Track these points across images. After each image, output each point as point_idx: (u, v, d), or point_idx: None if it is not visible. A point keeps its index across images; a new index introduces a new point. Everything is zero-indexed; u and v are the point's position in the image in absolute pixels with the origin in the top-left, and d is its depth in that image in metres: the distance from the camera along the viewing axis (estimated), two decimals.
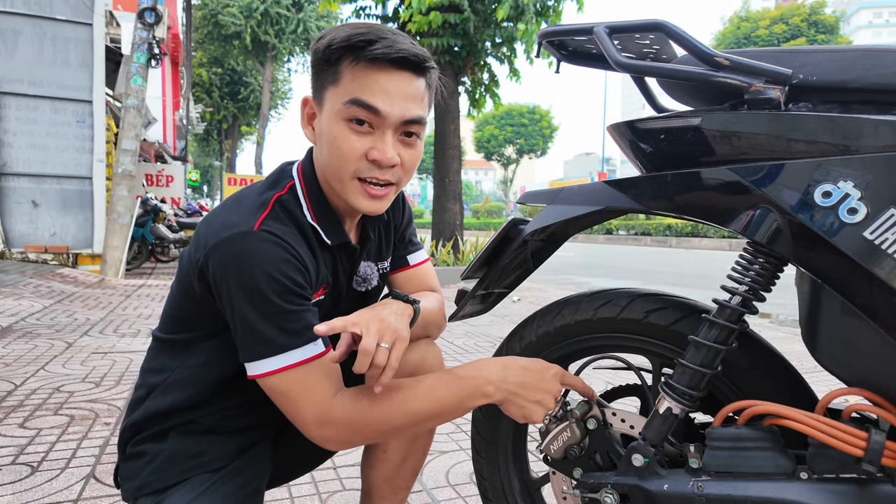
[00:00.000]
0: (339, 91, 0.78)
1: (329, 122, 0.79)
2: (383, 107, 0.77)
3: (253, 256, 0.75)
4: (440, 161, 7.48)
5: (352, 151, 0.78)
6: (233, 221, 0.78)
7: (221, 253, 0.76)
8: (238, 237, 0.76)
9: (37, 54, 6.23)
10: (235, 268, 0.75)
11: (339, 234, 0.88)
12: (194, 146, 35.48)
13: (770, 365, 0.83)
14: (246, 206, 0.81)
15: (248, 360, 0.78)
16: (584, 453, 0.88)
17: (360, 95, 0.76)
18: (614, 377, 2.62)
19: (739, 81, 0.71)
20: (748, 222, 0.71)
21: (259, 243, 0.76)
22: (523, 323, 1.03)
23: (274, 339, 0.76)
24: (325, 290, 0.89)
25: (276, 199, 0.83)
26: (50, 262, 6.24)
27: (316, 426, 0.78)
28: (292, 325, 0.77)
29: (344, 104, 0.77)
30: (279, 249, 0.77)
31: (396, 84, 0.77)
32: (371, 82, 0.76)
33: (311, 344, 0.77)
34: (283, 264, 0.76)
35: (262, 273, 0.75)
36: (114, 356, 2.93)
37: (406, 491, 1.09)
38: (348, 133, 0.78)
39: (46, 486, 1.51)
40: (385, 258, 1.03)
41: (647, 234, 20.30)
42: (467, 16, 6.49)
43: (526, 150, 43.61)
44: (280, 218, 0.82)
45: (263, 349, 0.76)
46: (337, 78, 0.78)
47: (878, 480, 0.70)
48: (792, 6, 31.96)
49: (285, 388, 0.77)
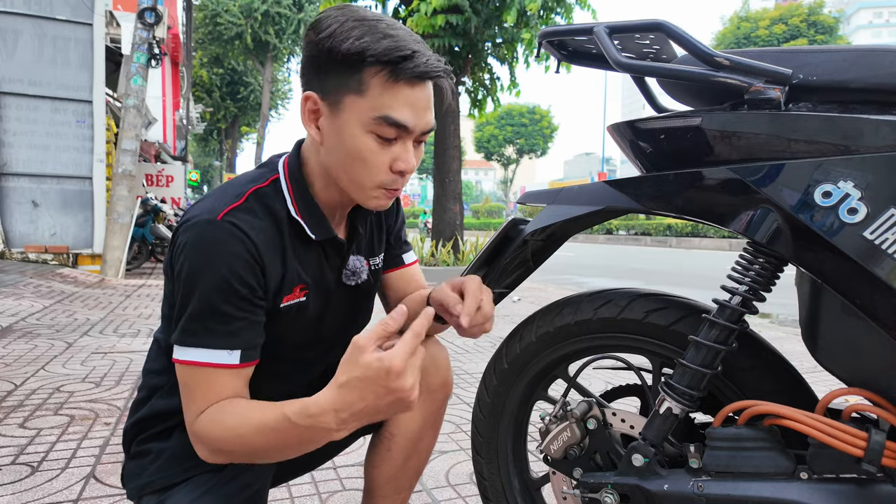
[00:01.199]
0: (366, 103, 0.75)
1: (350, 131, 0.77)
2: (412, 122, 0.76)
3: (208, 244, 0.75)
4: (440, 161, 7.48)
5: (380, 165, 0.78)
6: (202, 208, 0.78)
7: (184, 236, 0.76)
8: (200, 224, 0.75)
9: (37, 54, 6.23)
10: (190, 252, 0.75)
11: (325, 229, 0.86)
12: (194, 146, 35.49)
13: (770, 365, 0.83)
14: (222, 196, 0.80)
15: (173, 342, 0.77)
16: (584, 453, 0.88)
17: (391, 114, 0.75)
18: (614, 377, 2.62)
19: (740, 81, 0.71)
20: (748, 222, 0.71)
21: (217, 233, 0.75)
22: (523, 323, 1.03)
23: (197, 331, 0.75)
24: (304, 291, 0.86)
25: (254, 191, 0.82)
26: (50, 262, 6.24)
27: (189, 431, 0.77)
28: (217, 326, 0.75)
29: (373, 119, 0.75)
30: (237, 243, 0.75)
31: (419, 97, 0.76)
32: (401, 97, 0.75)
33: (225, 351, 0.75)
34: (235, 260, 0.75)
35: (211, 266, 0.74)
36: (114, 356, 2.93)
37: (408, 491, 1.09)
38: (375, 145, 0.77)
39: (46, 486, 1.51)
40: (377, 254, 1.01)
41: (647, 234, 20.30)
42: (468, 16, 6.49)
43: (526, 150, 43.62)
44: (253, 210, 0.80)
45: (186, 337, 0.76)
46: (362, 88, 0.74)
47: (878, 480, 0.70)
48: (791, 6, 31.97)
49: (187, 380, 0.76)
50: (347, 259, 0.94)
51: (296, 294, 0.86)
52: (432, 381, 1.01)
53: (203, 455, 0.78)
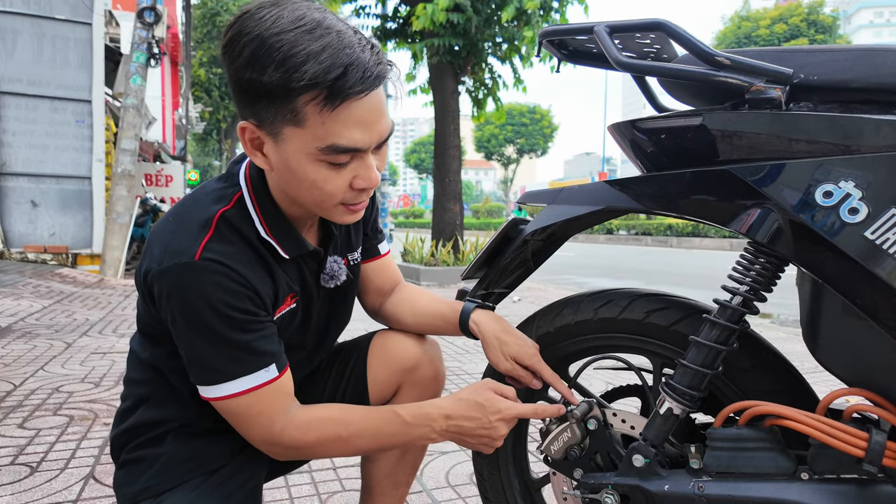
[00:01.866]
0: (307, 134, 0.67)
1: (298, 162, 0.70)
2: (364, 141, 0.69)
3: (195, 288, 0.71)
4: (440, 161, 7.48)
5: (336, 189, 0.72)
6: (174, 247, 0.73)
7: (164, 283, 0.73)
8: (179, 269, 0.71)
9: (36, 54, 6.22)
10: (178, 299, 0.72)
11: (296, 245, 0.83)
12: (193, 146, 35.46)
13: (771, 365, 0.83)
14: (188, 228, 0.74)
15: (198, 384, 0.78)
16: (584, 454, 0.88)
17: (338, 142, 0.67)
18: (615, 377, 2.62)
19: (740, 81, 0.71)
20: (749, 222, 0.71)
21: (201, 274, 0.71)
22: (523, 323, 1.02)
23: (224, 368, 0.75)
24: (294, 299, 0.86)
25: (221, 215, 0.76)
26: (49, 262, 6.24)
27: (263, 445, 0.81)
28: (240, 355, 0.75)
29: (320, 150, 0.68)
30: (222, 279, 0.72)
31: (369, 109, 0.68)
32: (347, 120, 0.66)
33: (261, 371, 0.76)
34: (227, 294, 0.72)
35: (206, 305, 0.72)
36: (113, 356, 2.93)
37: (406, 487, 1.09)
38: (327, 172, 0.70)
39: (46, 487, 1.51)
40: (355, 248, 0.99)
41: (647, 234, 20.31)
42: (469, 15, 6.49)
43: (526, 150, 43.64)
44: (225, 237, 0.75)
45: (215, 377, 0.76)
46: (299, 119, 0.66)
47: (879, 481, 0.70)
48: (790, 6, 31.98)
49: (234, 410, 0.78)
50: (325, 263, 0.92)
51: (288, 303, 0.85)
52: (424, 375, 1.02)
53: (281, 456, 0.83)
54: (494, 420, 0.82)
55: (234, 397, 0.76)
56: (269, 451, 0.82)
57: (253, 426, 0.79)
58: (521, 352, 0.92)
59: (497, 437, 0.83)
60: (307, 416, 0.81)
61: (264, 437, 0.79)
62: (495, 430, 0.82)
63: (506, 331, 0.94)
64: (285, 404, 0.80)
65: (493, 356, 0.93)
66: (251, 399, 0.77)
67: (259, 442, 0.81)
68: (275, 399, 0.79)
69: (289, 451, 0.81)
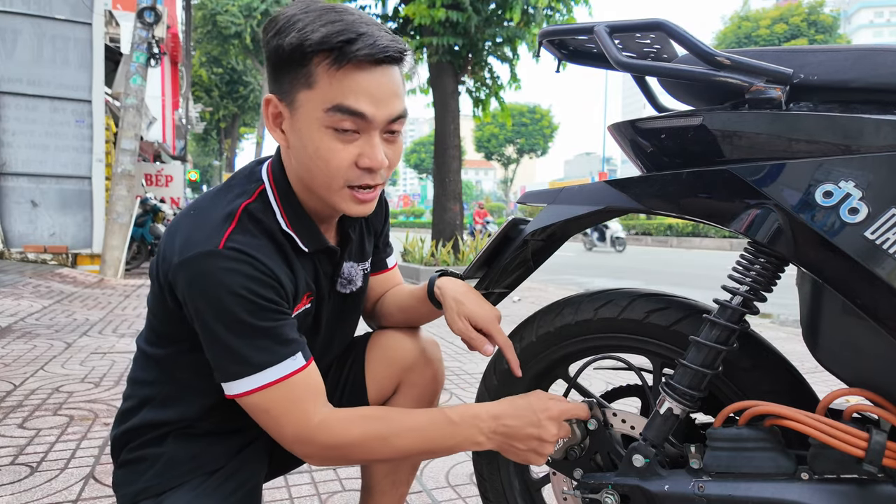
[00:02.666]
0: (317, 96, 0.70)
1: (308, 130, 0.72)
2: (370, 110, 0.71)
3: (220, 277, 0.71)
4: (440, 161, 7.47)
5: (341, 162, 0.73)
6: (197, 238, 0.73)
7: (187, 273, 0.73)
8: (203, 257, 0.72)
9: (36, 54, 6.22)
10: (203, 289, 0.72)
11: (316, 239, 0.83)
12: (193, 146, 35.46)
13: (771, 365, 0.83)
14: (211, 219, 0.76)
15: (223, 381, 0.76)
16: (584, 454, 0.88)
17: (343, 102, 0.70)
18: (615, 377, 2.62)
19: (740, 81, 0.71)
20: (749, 222, 0.71)
21: (225, 262, 0.72)
22: (524, 323, 1.02)
23: (249, 358, 0.73)
24: (309, 299, 0.86)
25: (244, 208, 0.77)
26: (49, 262, 6.24)
27: (297, 443, 0.77)
28: (267, 343, 0.74)
29: (325, 111, 0.70)
30: (247, 267, 0.73)
31: (379, 82, 0.71)
32: (353, 85, 0.70)
33: (288, 360, 0.75)
34: (251, 282, 0.72)
35: (231, 294, 0.71)
36: (113, 356, 2.93)
37: (406, 486, 1.09)
38: (333, 142, 0.72)
39: (46, 487, 1.51)
40: (367, 259, 1.00)
41: (647, 233, 20.31)
42: (469, 15, 6.49)
43: (526, 150, 43.63)
44: (248, 230, 0.76)
45: (239, 369, 0.74)
46: (311, 81, 0.70)
47: (879, 481, 0.70)
48: (790, 6, 31.98)
49: (265, 405, 0.75)
50: (341, 266, 0.92)
51: (304, 302, 0.85)
52: (423, 374, 1.02)
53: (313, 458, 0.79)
54: (543, 418, 0.78)
55: (264, 389, 0.74)
56: (303, 451, 0.77)
57: (286, 421, 0.75)
58: (479, 313, 0.89)
59: (547, 439, 0.78)
60: (348, 413, 0.79)
61: (299, 433, 0.75)
62: (545, 430, 0.78)
63: (466, 293, 0.92)
64: (317, 397, 0.77)
65: (449, 317, 0.91)
66: (282, 390, 0.74)
67: (293, 440, 0.76)
68: (306, 390, 0.76)
69: (325, 450, 0.77)
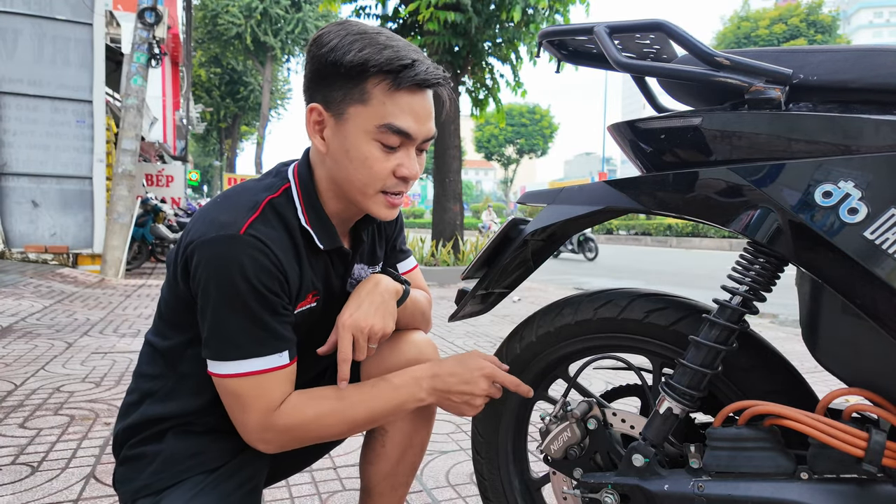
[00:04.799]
0: (370, 112, 0.78)
1: (355, 140, 0.79)
2: (413, 129, 0.79)
3: (236, 261, 0.76)
4: (440, 161, 7.48)
5: (383, 170, 0.80)
6: (221, 221, 0.78)
7: (205, 252, 0.77)
8: (224, 239, 0.76)
9: (37, 54, 6.22)
10: (217, 269, 0.76)
11: (332, 238, 0.88)
12: (194, 146, 35.48)
13: (770, 365, 0.83)
14: (236, 206, 0.81)
15: (211, 358, 0.80)
16: (584, 453, 0.88)
17: (394, 122, 0.78)
18: (615, 377, 2.62)
19: (740, 81, 0.71)
20: (749, 222, 0.71)
21: (244, 248, 0.76)
22: (523, 323, 1.02)
23: (243, 344, 0.78)
24: (315, 297, 0.89)
25: (269, 201, 0.83)
26: (50, 262, 6.24)
27: (258, 431, 0.81)
28: (263, 334, 0.79)
29: (376, 127, 0.78)
30: (261, 256, 0.77)
31: (421, 105, 0.79)
32: (403, 105, 0.78)
33: (276, 355, 0.80)
34: (262, 272, 0.77)
35: (242, 277, 0.76)
36: (114, 356, 2.93)
37: (405, 487, 1.09)
38: (379, 153, 0.79)
39: (46, 486, 1.51)
40: (377, 263, 1.03)
41: (647, 234, 20.30)
42: (469, 16, 6.49)
43: (526, 150, 43.59)
44: (269, 222, 0.81)
45: (231, 352, 0.78)
46: (365, 98, 0.77)
47: (879, 481, 0.70)
48: (790, 6, 31.96)
49: (240, 390, 0.79)
50: (352, 268, 0.95)
51: (309, 300, 0.88)
52: None
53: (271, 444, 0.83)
54: (476, 375, 0.87)
55: (244, 377, 0.79)
56: (263, 438, 0.82)
57: (251, 410, 0.80)
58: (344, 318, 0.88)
59: (478, 393, 0.87)
60: (302, 395, 0.84)
61: (260, 422, 0.80)
62: (476, 386, 0.87)
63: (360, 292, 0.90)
64: (286, 393, 0.82)
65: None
66: (258, 381, 0.79)
67: (253, 427, 0.81)
68: (280, 385, 0.81)
69: (284, 434, 0.82)
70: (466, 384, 0.87)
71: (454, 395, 0.87)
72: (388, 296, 0.92)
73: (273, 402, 0.81)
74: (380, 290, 0.91)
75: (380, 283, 0.92)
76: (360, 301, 0.89)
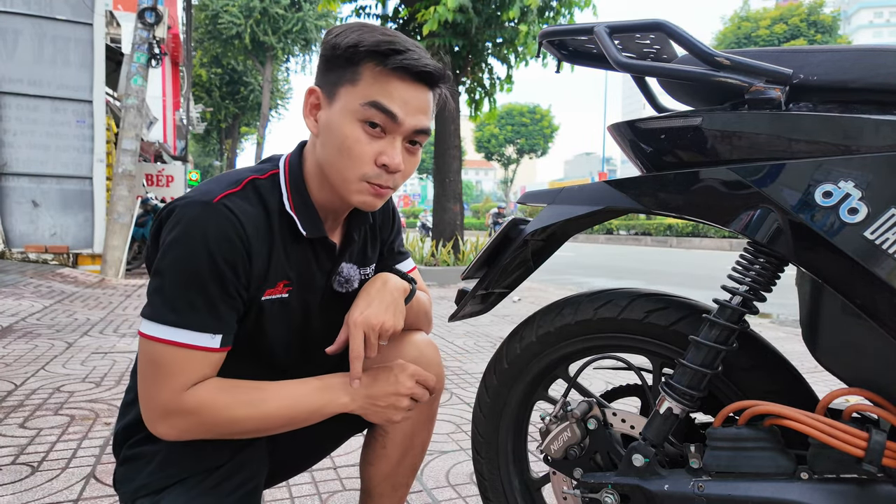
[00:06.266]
0: (357, 91, 0.78)
1: (341, 120, 0.79)
2: (400, 113, 0.78)
3: (201, 226, 0.75)
4: (440, 161, 7.48)
5: (363, 154, 0.79)
6: (198, 191, 0.79)
7: (177, 214, 0.77)
8: (196, 204, 0.77)
9: (37, 54, 6.23)
10: (182, 231, 0.75)
11: (316, 226, 0.86)
12: (194, 146, 35.47)
13: (770, 365, 0.83)
14: (219, 181, 0.82)
15: (146, 317, 0.77)
16: (584, 453, 0.88)
17: (379, 99, 0.77)
18: (615, 377, 2.62)
19: (740, 81, 0.71)
20: (749, 222, 0.71)
21: (212, 215, 0.76)
22: (524, 323, 1.02)
23: (181, 310, 0.75)
24: (287, 288, 0.87)
25: (252, 179, 0.84)
26: (50, 262, 6.24)
27: (162, 409, 0.77)
28: (204, 308, 0.76)
29: (361, 105, 0.77)
30: (229, 228, 0.76)
31: (413, 95, 0.79)
32: (392, 89, 0.78)
33: (208, 335, 0.77)
34: (226, 245, 0.76)
35: (203, 246, 0.75)
36: (114, 356, 2.93)
37: (406, 488, 1.09)
38: (361, 134, 0.79)
39: (47, 486, 1.51)
40: (369, 264, 1.01)
41: (647, 234, 20.30)
42: (470, 16, 6.49)
43: (526, 150, 43.59)
44: (248, 199, 0.81)
45: (167, 315, 0.75)
46: (356, 78, 0.78)
47: (879, 481, 0.70)
48: (791, 6, 31.94)
49: (160, 359, 0.76)
50: (339, 264, 0.94)
51: (278, 289, 0.86)
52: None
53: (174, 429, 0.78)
54: (400, 376, 0.88)
55: (169, 344, 0.75)
56: (166, 418, 0.77)
57: (163, 384, 0.76)
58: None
59: (403, 392, 0.87)
60: (218, 381, 0.80)
61: (168, 399, 0.76)
62: (401, 385, 0.87)
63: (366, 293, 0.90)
64: (202, 380, 0.79)
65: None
66: (181, 355, 0.76)
67: (159, 404, 0.77)
68: (200, 368, 0.78)
69: (188, 418, 0.77)
70: (390, 385, 0.87)
71: (380, 399, 0.86)
72: (398, 294, 0.91)
73: (187, 382, 0.77)
74: (389, 289, 0.91)
75: (388, 282, 0.92)
76: (371, 299, 0.88)
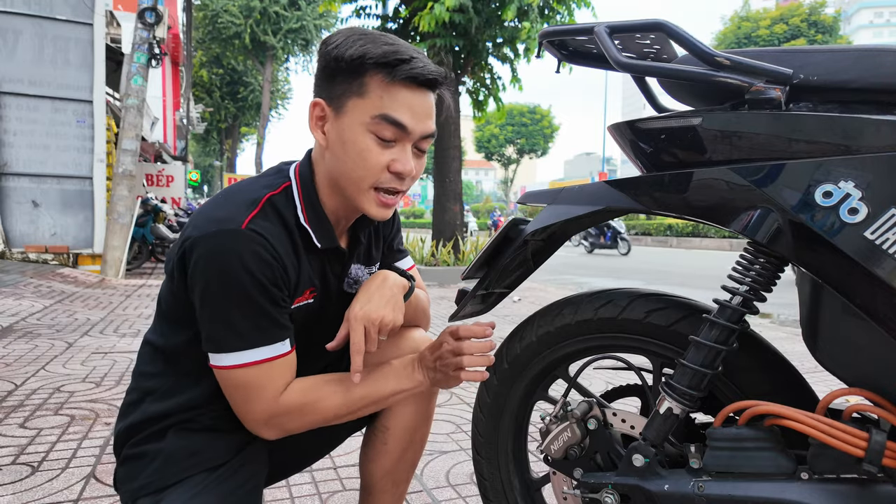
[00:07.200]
0: (367, 104, 0.79)
1: (353, 132, 0.81)
2: (410, 123, 0.80)
3: (237, 254, 0.77)
4: (440, 161, 7.48)
5: (377, 164, 0.81)
6: (220, 217, 0.80)
7: (206, 246, 0.78)
8: (225, 234, 0.78)
9: (37, 54, 6.22)
10: (219, 263, 0.77)
11: (329, 237, 0.89)
12: (194, 146, 35.49)
13: (771, 365, 0.83)
14: (236, 203, 0.82)
15: (214, 351, 0.81)
16: (584, 453, 0.88)
17: (390, 113, 0.79)
18: (615, 377, 2.62)
19: (740, 81, 0.71)
20: (749, 222, 0.71)
21: (245, 242, 0.78)
22: (524, 323, 1.03)
23: (246, 334, 0.80)
24: (312, 294, 0.91)
25: (269, 198, 0.84)
26: (50, 262, 6.24)
27: (263, 418, 0.84)
28: (265, 324, 0.81)
29: (372, 118, 0.79)
30: (262, 250, 0.79)
31: (419, 102, 0.81)
32: (400, 99, 0.79)
33: (279, 343, 0.82)
34: (264, 265, 0.79)
35: (244, 270, 0.77)
36: (114, 356, 2.93)
37: (406, 484, 1.10)
38: (374, 145, 0.80)
39: (47, 486, 1.51)
40: (374, 263, 1.04)
41: (647, 234, 20.30)
42: (470, 16, 6.48)
43: (526, 150, 43.57)
44: (269, 218, 0.83)
45: (235, 343, 0.80)
46: (364, 91, 0.79)
47: (879, 481, 0.70)
48: (791, 6, 31.93)
49: (245, 381, 0.81)
50: (349, 267, 0.96)
51: (306, 296, 0.89)
52: None
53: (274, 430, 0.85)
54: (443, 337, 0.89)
55: (249, 366, 0.80)
56: (269, 424, 0.84)
57: (257, 399, 0.82)
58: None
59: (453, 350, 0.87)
60: (305, 380, 0.87)
61: (266, 409, 0.82)
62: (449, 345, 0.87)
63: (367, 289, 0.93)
64: (289, 380, 0.85)
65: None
66: (263, 370, 0.81)
67: (260, 416, 0.83)
68: (283, 373, 0.83)
69: (288, 418, 0.84)
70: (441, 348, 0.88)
71: (440, 365, 0.88)
72: (397, 290, 0.93)
73: (278, 388, 0.83)
74: (388, 285, 0.92)
75: (388, 279, 0.94)
76: (370, 295, 0.90)
